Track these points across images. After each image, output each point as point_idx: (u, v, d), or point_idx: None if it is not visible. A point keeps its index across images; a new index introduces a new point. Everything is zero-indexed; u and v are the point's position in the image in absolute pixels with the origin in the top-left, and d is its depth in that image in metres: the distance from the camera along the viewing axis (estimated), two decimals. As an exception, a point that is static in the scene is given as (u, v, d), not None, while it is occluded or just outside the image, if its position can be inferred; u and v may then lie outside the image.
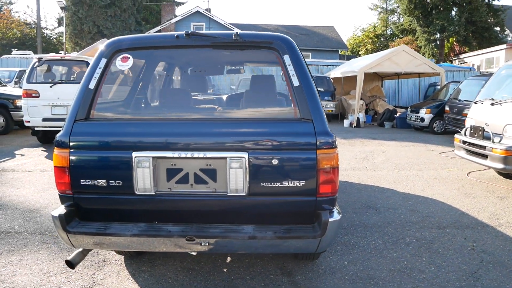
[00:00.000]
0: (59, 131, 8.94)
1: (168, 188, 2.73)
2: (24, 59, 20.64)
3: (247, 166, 2.63)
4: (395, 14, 43.23)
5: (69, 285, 3.28)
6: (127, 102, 3.51)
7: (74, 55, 11.65)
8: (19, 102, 11.37)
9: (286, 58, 2.79)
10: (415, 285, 3.34)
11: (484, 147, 6.05)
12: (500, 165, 5.74)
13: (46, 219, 4.81)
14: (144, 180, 2.66)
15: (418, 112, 13.81)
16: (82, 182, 2.71)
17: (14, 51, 23.26)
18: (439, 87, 16.73)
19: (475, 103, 6.90)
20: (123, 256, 3.82)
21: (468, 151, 6.58)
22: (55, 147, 2.79)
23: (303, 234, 2.61)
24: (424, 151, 9.83)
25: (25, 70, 15.33)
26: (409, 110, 14.76)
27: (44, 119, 9.34)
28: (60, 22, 35.55)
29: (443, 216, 5.02)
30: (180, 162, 2.70)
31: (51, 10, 69.46)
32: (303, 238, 2.59)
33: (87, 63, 9.50)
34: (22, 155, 8.87)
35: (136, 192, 2.70)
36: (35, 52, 24.79)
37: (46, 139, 10.20)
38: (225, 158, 2.65)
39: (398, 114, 15.95)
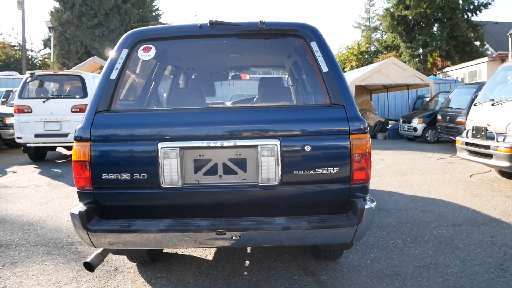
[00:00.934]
0: (51, 147, 8.74)
1: (196, 180, 2.60)
2: (10, 80, 20.36)
3: (279, 153, 2.52)
4: (378, 31, 43.99)
5: (81, 293, 3.10)
6: (151, 94, 3.38)
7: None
8: (8, 120, 11.14)
9: (314, 44, 2.73)
10: (444, 279, 3.23)
11: (488, 147, 6.03)
12: (506, 163, 5.72)
13: (47, 231, 4.61)
14: (171, 172, 2.53)
15: (410, 122, 13.88)
16: (104, 176, 2.56)
17: (0, 73, 22.97)
18: (427, 99, 16.89)
19: (475, 105, 6.92)
20: (135, 264, 3.64)
21: (471, 152, 6.56)
22: (75, 141, 2.64)
23: (339, 223, 2.50)
24: (422, 158, 9.82)
25: (11, 90, 15.10)
26: (401, 120, 14.83)
27: (37, 135, 9.11)
28: (46, 43, 35.29)
29: (456, 214, 4.94)
30: (209, 152, 2.57)
31: (37, 32, 69.21)
32: (339, 227, 2.48)
33: (81, 78, 9.35)
34: (14, 172, 8.61)
35: (162, 185, 2.56)
36: (21, 74, 24.47)
37: (38, 156, 9.94)
38: (256, 146, 2.54)
39: (390, 126, 16.02)
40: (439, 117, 12.60)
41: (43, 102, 9.15)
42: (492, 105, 6.28)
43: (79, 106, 9.13)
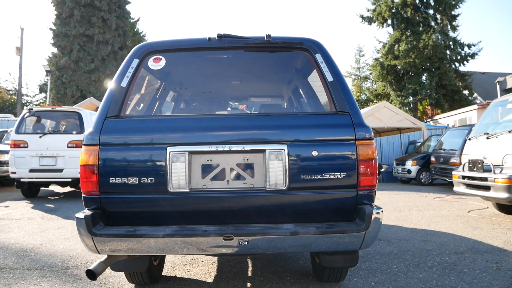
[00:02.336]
0: (45, 184, 8.69)
1: (203, 185, 2.59)
2: (5, 121, 20.43)
3: (287, 158, 2.54)
4: (368, 80, 45.08)
5: (79, 311, 2.99)
6: (159, 103, 3.42)
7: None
8: (2, 157, 11.08)
9: (318, 56, 2.82)
10: (452, 298, 3.17)
11: (485, 179, 6.07)
12: (505, 194, 5.74)
13: (42, 257, 4.49)
14: (179, 176, 2.52)
15: (404, 165, 13.98)
16: (112, 180, 2.55)
17: (-5, 115, 23.12)
18: (419, 144, 17.10)
19: (469, 139, 7.02)
20: (134, 285, 3.54)
21: (468, 185, 6.59)
22: (83, 145, 2.64)
23: (347, 228, 2.48)
24: (418, 197, 9.83)
25: (6, 131, 15.12)
26: (394, 163, 14.94)
27: (31, 170, 9.05)
28: (42, 88, 35.66)
29: (458, 244, 4.90)
30: (216, 158, 2.59)
31: (33, 77, 70.09)
32: (348, 232, 2.46)
33: (78, 114, 9.41)
34: (7, 206, 8.47)
35: (170, 190, 2.54)
36: (16, 116, 24.57)
37: (31, 192, 9.83)
38: (264, 151, 2.56)
39: (383, 169, 16.11)
40: (432, 159, 12.72)
41: (40, 137, 9.16)
42: (487, 138, 6.38)
43: (76, 142, 9.14)
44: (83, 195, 2.63)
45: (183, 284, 3.55)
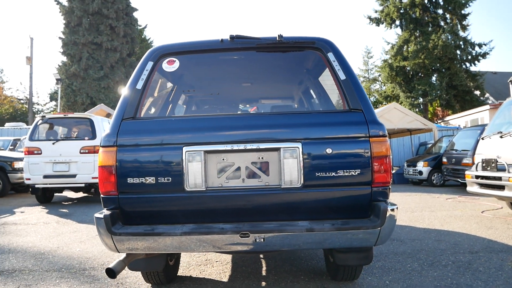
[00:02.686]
0: (59, 189, 8.83)
1: (219, 184, 2.64)
2: (18, 129, 20.72)
3: (301, 156, 2.58)
4: (377, 82, 44.94)
5: (98, 311, 3.05)
6: (173, 104, 3.48)
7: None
8: (17, 164, 11.23)
9: (330, 55, 2.86)
10: (467, 295, 3.17)
11: (500, 178, 6.05)
12: (519, 194, 5.72)
13: (59, 259, 4.56)
14: (195, 175, 2.58)
15: (415, 166, 13.92)
16: (129, 180, 2.61)
17: (7, 124, 23.44)
18: (430, 145, 17.01)
19: (482, 139, 7.00)
20: (150, 285, 3.59)
21: (482, 185, 6.57)
22: (101, 147, 2.70)
23: (362, 224, 2.51)
24: (430, 198, 9.79)
25: (19, 139, 15.33)
26: (405, 164, 14.88)
27: (45, 176, 9.18)
28: (52, 96, 36.05)
29: (472, 243, 4.89)
30: (232, 156, 2.64)
31: (43, 86, 71.08)
32: (363, 228, 2.48)
33: (90, 121, 9.54)
34: (22, 212, 8.59)
35: (186, 189, 2.60)
36: (28, 125, 24.91)
37: (45, 198, 9.95)
38: (278, 149, 2.60)
39: (394, 171, 16.05)
40: (444, 159, 12.65)
41: (53, 143, 9.29)
42: (501, 137, 6.35)
43: (88, 148, 9.26)
44: (101, 195, 2.69)
45: (198, 284, 3.60)
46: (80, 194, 12.30)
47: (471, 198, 9.69)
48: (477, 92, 32.79)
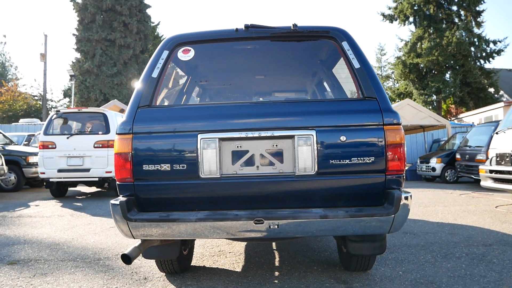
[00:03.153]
0: (73, 183, 8.93)
1: (234, 171, 2.66)
2: (32, 125, 20.97)
3: (315, 144, 2.59)
4: (390, 79, 44.61)
5: (113, 297, 3.09)
6: (188, 93, 3.52)
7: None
8: (31, 159, 11.38)
9: (345, 44, 2.87)
10: (481, 286, 3.16)
11: (514, 172, 6.00)
12: (534, 188, 5.65)
13: (74, 250, 4.63)
14: (210, 162, 2.61)
15: (428, 162, 13.82)
16: (145, 167, 2.64)
17: (22, 120, 23.77)
18: (443, 142, 16.85)
19: (497, 133, 6.94)
20: (164, 274, 3.63)
21: (496, 179, 6.51)
22: (117, 134, 2.74)
23: (376, 212, 2.51)
24: (443, 194, 9.73)
25: (33, 135, 15.53)
26: (418, 161, 14.78)
27: (60, 170, 9.28)
28: (66, 93, 36.42)
29: (485, 237, 4.86)
30: (246, 144, 2.66)
31: (57, 83, 71.90)
32: (377, 215, 2.49)
33: (104, 115, 9.63)
34: (37, 205, 8.71)
35: (201, 176, 2.63)
36: (42, 121, 25.22)
37: (59, 192, 10.06)
38: (292, 136, 2.62)
39: (407, 167, 15.93)
40: (458, 156, 12.54)
41: (67, 138, 9.39)
42: (515, 131, 6.30)
43: (102, 142, 9.35)
44: (117, 182, 2.73)
45: (212, 273, 3.63)
46: (94, 189, 12.43)
47: (485, 193, 9.61)
48: (491, 90, 32.41)
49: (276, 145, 2.65)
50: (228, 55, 3.50)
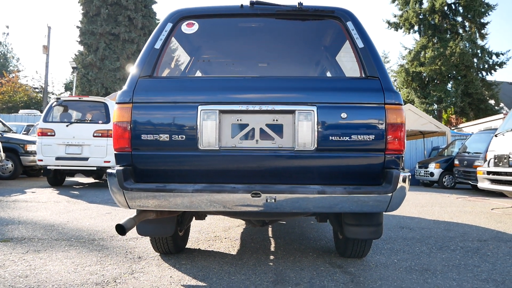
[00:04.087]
0: (70, 172, 8.83)
1: (233, 144, 2.66)
2: (32, 116, 20.94)
3: (316, 120, 2.59)
4: (392, 87, 44.55)
5: (106, 272, 3.07)
6: (191, 66, 3.51)
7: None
8: (29, 147, 11.35)
9: (349, 24, 2.88)
10: (474, 274, 3.16)
11: (511, 174, 5.99)
12: (531, 190, 5.66)
13: (69, 231, 4.61)
14: (209, 134, 2.60)
15: (427, 167, 13.84)
16: (144, 137, 2.64)
17: (21, 110, 23.74)
18: (442, 148, 16.87)
19: (496, 136, 6.94)
20: (158, 254, 3.62)
21: (493, 181, 6.51)
22: (117, 104, 2.73)
23: (374, 189, 2.51)
24: (440, 197, 9.73)
25: (32, 125, 15.50)
26: (417, 166, 14.79)
27: (58, 158, 9.25)
28: (67, 86, 36.40)
29: (480, 233, 4.86)
30: (246, 117, 2.65)
31: (59, 76, 71.88)
32: (375, 193, 2.49)
33: (105, 105, 9.61)
34: (33, 192, 8.69)
35: (200, 147, 2.62)
36: (42, 112, 25.20)
37: (56, 181, 10.03)
38: (293, 111, 2.61)
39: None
40: (456, 162, 12.56)
41: (66, 126, 9.36)
42: (514, 133, 6.31)
43: (101, 131, 9.33)
44: (115, 152, 2.72)
45: (207, 255, 3.62)
46: (92, 180, 12.41)
47: (481, 198, 9.62)
48: (492, 102, 32.46)
49: (277, 120, 2.65)
50: (232, 31, 3.50)
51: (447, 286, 2.85)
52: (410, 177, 2.59)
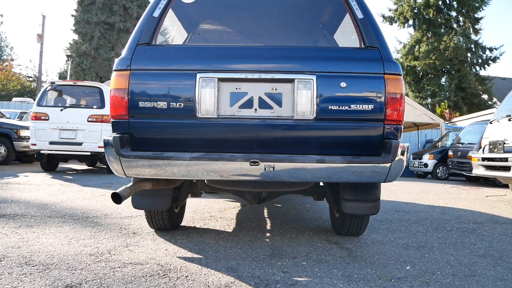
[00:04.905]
0: (64, 158, 8.67)
1: (231, 112, 2.61)
2: (25, 104, 20.77)
3: (315, 89, 2.55)
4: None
5: (100, 245, 3.04)
6: (188, 37, 3.45)
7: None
8: (22, 133, 11.22)
9: None
10: (471, 250, 3.16)
11: (506, 159, 6.00)
12: (526, 175, 5.67)
13: (62, 209, 4.56)
14: (207, 102, 2.55)
15: (421, 158, 13.87)
16: (141, 104, 2.58)
17: (15, 98, 23.52)
18: (436, 140, 16.91)
19: (491, 123, 6.95)
20: (153, 230, 3.58)
21: (487, 167, 6.52)
22: (114, 71, 2.68)
23: (373, 159, 2.48)
24: (435, 186, 9.75)
25: (25, 112, 15.34)
26: (411, 157, 14.81)
27: (51, 143, 9.13)
28: (61, 75, 36.08)
29: (476, 217, 4.87)
30: (245, 86, 2.61)
31: (53, 65, 71.11)
32: (373, 162, 2.47)
33: (100, 90, 9.51)
34: (26, 176, 8.60)
35: (198, 115, 2.57)
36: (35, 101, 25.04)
37: (50, 166, 9.92)
38: (292, 80, 2.57)
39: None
40: (450, 153, 12.60)
41: (61, 110, 9.24)
42: (509, 120, 6.30)
43: (96, 116, 9.23)
44: (111, 119, 2.67)
45: (202, 232, 3.59)
46: (85, 167, 12.32)
47: (475, 187, 9.67)
48: (485, 96, 32.59)
49: (276, 89, 2.61)
50: (231, 1, 3.43)
51: (444, 260, 2.85)
52: (408, 147, 2.56)
